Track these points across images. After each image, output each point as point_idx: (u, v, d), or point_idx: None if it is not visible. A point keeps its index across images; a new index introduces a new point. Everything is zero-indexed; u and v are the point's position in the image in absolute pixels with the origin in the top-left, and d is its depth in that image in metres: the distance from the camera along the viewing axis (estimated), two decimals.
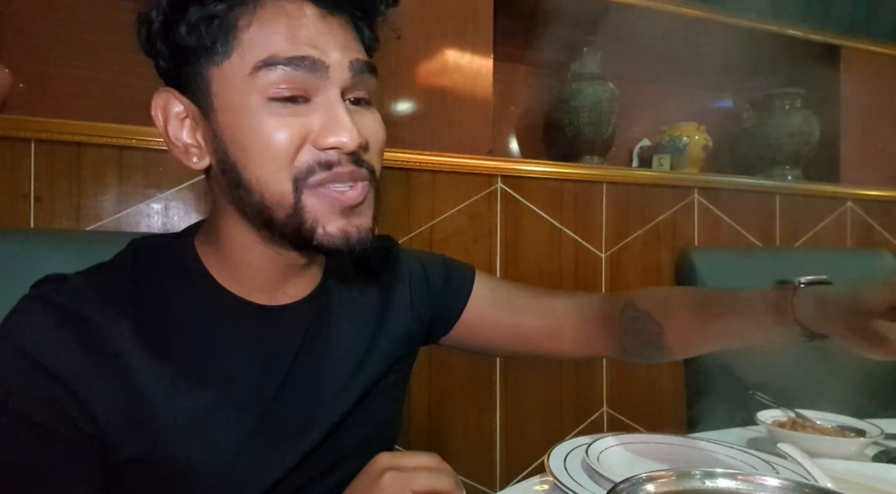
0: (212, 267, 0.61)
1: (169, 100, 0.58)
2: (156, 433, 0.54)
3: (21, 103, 1.20)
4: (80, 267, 0.59)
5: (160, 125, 0.59)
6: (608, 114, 1.62)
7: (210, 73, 0.55)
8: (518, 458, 1.48)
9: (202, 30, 0.53)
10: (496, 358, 0.83)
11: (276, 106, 0.54)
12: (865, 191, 1.94)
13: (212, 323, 0.59)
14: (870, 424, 0.83)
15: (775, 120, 1.84)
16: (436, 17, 1.43)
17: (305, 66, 0.53)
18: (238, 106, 0.54)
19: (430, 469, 0.51)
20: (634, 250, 1.64)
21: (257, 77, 0.53)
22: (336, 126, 0.54)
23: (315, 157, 0.55)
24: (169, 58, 0.57)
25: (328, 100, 0.55)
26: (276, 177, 0.54)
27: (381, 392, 0.70)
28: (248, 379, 0.59)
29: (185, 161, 0.59)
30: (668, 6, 1.67)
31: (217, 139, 0.56)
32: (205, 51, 0.54)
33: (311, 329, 0.65)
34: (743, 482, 0.44)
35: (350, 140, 0.54)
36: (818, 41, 1.88)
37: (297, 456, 0.61)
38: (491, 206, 1.48)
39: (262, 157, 0.54)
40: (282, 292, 0.64)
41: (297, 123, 0.54)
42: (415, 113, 1.42)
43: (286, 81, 0.53)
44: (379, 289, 0.73)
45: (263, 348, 0.61)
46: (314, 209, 0.55)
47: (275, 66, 0.53)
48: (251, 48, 0.53)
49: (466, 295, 0.78)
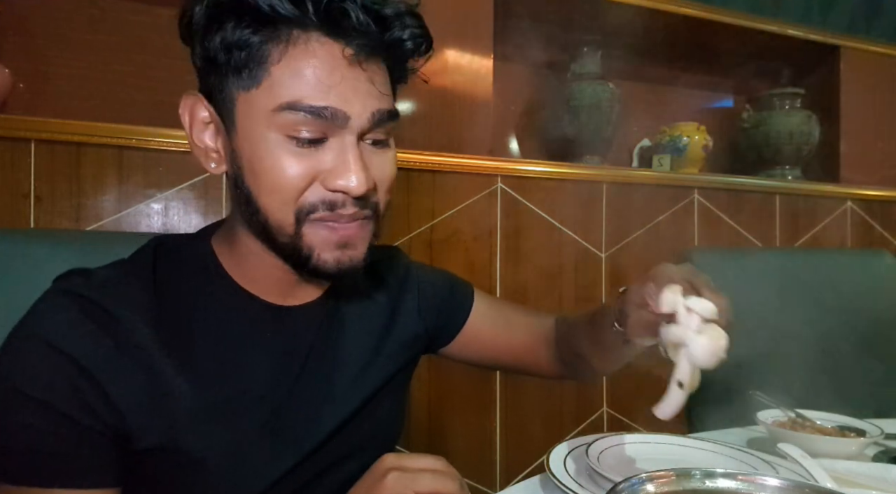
0: (228, 267, 0.63)
1: (196, 104, 0.59)
2: (175, 423, 0.55)
3: (21, 103, 1.20)
4: (79, 267, 0.59)
5: (186, 126, 0.60)
6: (608, 114, 1.62)
7: (236, 95, 0.56)
8: (518, 458, 1.48)
9: (234, 52, 0.54)
10: (487, 370, 0.86)
11: (293, 144, 0.55)
12: (865, 191, 1.94)
13: (229, 319, 0.61)
14: (870, 424, 0.83)
15: (775, 120, 1.84)
16: (436, 17, 1.41)
17: (326, 116, 0.54)
18: (258, 136, 0.55)
19: (435, 471, 0.52)
20: (634, 250, 1.64)
21: (280, 115, 0.54)
22: (345, 171, 0.55)
23: (321, 196, 0.56)
24: (201, 58, 0.57)
25: (342, 144, 0.56)
26: (281, 207, 0.56)
27: (387, 392, 0.72)
28: (263, 375, 0.61)
29: (205, 164, 0.60)
30: (668, 6, 1.67)
31: (234, 157, 0.58)
32: (233, 72, 0.55)
33: (322, 329, 0.67)
34: (743, 482, 0.44)
35: (357, 186, 0.55)
36: (818, 41, 1.88)
37: (305, 451, 0.63)
38: (491, 206, 1.48)
39: (271, 188, 0.56)
40: (292, 295, 0.65)
41: (310, 163, 0.55)
42: (415, 113, 1.42)
43: (306, 125, 0.54)
44: (388, 296, 0.75)
45: (278, 346, 0.63)
46: (311, 239, 0.57)
47: (297, 111, 0.54)
48: (278, 86, 0.54)
49: (468, 310, 0.82)
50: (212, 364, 0.58)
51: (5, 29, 1.20)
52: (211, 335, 0.59)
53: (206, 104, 0.59)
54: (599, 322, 0.69)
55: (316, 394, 0.65)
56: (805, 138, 1.84)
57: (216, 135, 0.60)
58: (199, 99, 0.59)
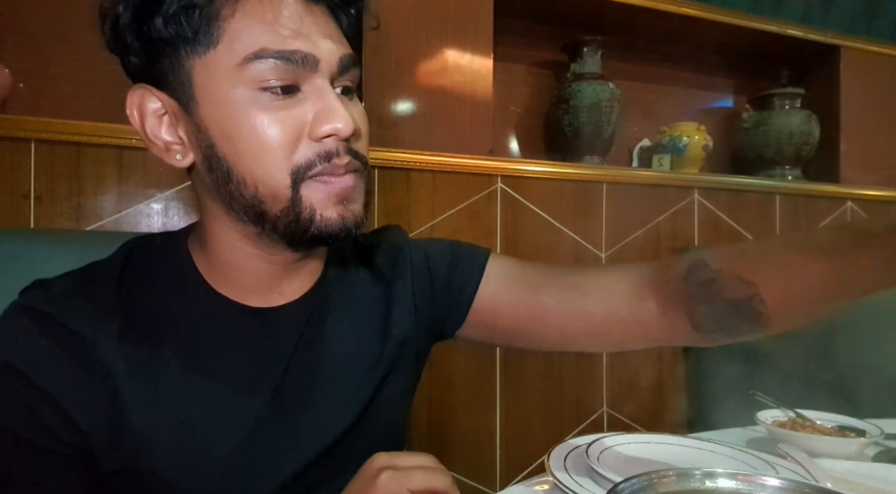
0: (203, 269, 0.60)
1: (144, 96, 0.56)
2: (137, 446, 0.53)
3: (21, 103, 1.20)
4: (79, 267, 0.59)
5: (136, 124, 0.56)
6: (608, 114, 1.62)
7: (191, 64, 0.53)
8: (518, 458, 1.48)
9: (182, 20, 0.51)
10: (525, 349, 0.72)
11: (265, 98, 0.52)
12: (865, 191, 1.94)
13: (201, 327, 0.58)
14: (870, 424, 0.83)
15: (775, 120, 1.84)
16: (436, 17, 1.43)
17: (296, 60, 0.52)
18: (225, 98, 0.53)
19: (427, 468, 0.50)
20: (634, 250, 1.64)
21: (246, 69, 0.51)
22: (330, 114, 0.53)
23: (315, 150, 0.54)
24: (141, 52, 0.54)
25: (318, 89, 0.54)
26: (273, 172, 0.53)
27: (385, 402, 0.66)
28: (239, 385, 0.57)
29: (167, 160, 0.57)
30: (668, 6, 1.67)
31: (202, 133, 0.54)
32: (184, 42, 0.52)
33: (306, 331, 0.62)
34: (743, 482, 0.44)
35: (345, 126, 0.53)
36: (818, 41, 1.88)
37: (287, 473, 0.59)
38: (491, 206, 1.48)
39: (256, 152, 0.53)
40: (276, 292, 0.61)
41: (290, 117, 0.53)
42: (415, 113, 1.42)
43: (276, 73, 0.52)
44: (382, 286, 0.69)
45: (255, 352, 0.59)
46: (311, 198, 0.54)
47: (265, 59, 0.51)
48: (238, 39, 0.52)
49: (476, 279, 0.70)
50: (180, 377, 0.55)
51: (5, 29, 1.19)
52: (180, 345, 0.56)
53: (155, 92, 0.55)
54: (865, 243, 0.52)
55: (302, 405, 0.60)
56: (805, 138, 1.84)
57: (174, 125, 0.56)
58: (146, 89, 0.55)
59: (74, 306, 0.54)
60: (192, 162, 0.56)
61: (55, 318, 0.52)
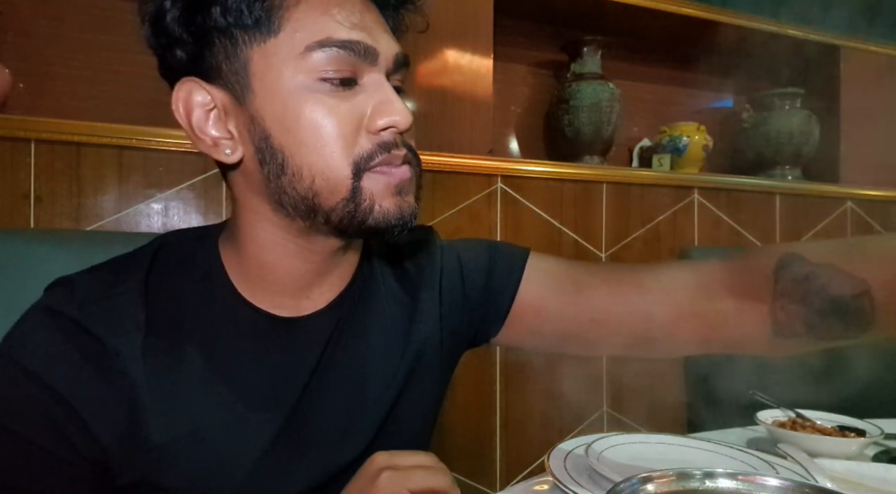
0: (233, 272, 0.58)
1: (192, 90, 0.54)
2: (154, 460, 0.52)
3: (21, 103, 1.20)
4: (79, 267, 0.58)
5: (183, 119, 0.54)
6: (608, 114, 1.62)
7: (248, 53, 0.52)
8: (518, 458, 1.48)
9: (243, 9, 0.51)
10: (578, 354, 0.68)
11: (325, 88, 0.52)
12: (865, 191, 1.94)
13: (226, 339, 0.57)
14: (870, 424, 0.83)
15: (775, 120, 1.84)
16: (436, 17, 1.42)
17: (358, 51, 0.52)
18: (283, 87, 0.52)
19: (427, 467, 0.50)
20: (634, 250, 1.64)
21: (308, 58, 0.51)
22: (389, 106, 0.54)
23: (375, 141, 0.53)
24: (192, 43, 0.53)
25: (376, 82, 0.54)
26: (334, 163, 0.52)
27: (406, 415, 0.65)
28: (260, 400, 0.56)
29: (216, 155, 0.55)
30: (668, 6, 1.67)
31: (256, 125, 0.53)
32: (243, 30, 0.52)
33: (329, 345, 0.60)
34: (743, 482, 0.44)
35: (403, 119, 0.54)
36: (818, 41, 1.88)
37: (312, 485, 0.58)
38: (491, 206, 1.48)
39: (316, 143, 0.52)
40: (305, 296, 0.60)
41: (350, 108, 0.53)
42: (415, 113, 1.41)
43: (337, 63, 0.52)
44: (408, 295, 0.67)
45: (278, 366, 0.58)
46: (371, 189, 0.53)
47: (328, 48, 0.51)
48: (302, 28, 0.52)
49: (515, 283, 0.67)
50: (200, 390, 0.54)
51: (5, 29, 1.20)
52: (203, 357, 0.55)
53: (205, 86, 0.54)
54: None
55: (326, 416, 0.59)
56: (805, 138, 1.84)
57: (222, 119, 0.54)
58: (194, 82, 0.54)
59: (100, 311, 0.52)
60: (241, 156, 0.55)
61: (80, 323, 0.51)
